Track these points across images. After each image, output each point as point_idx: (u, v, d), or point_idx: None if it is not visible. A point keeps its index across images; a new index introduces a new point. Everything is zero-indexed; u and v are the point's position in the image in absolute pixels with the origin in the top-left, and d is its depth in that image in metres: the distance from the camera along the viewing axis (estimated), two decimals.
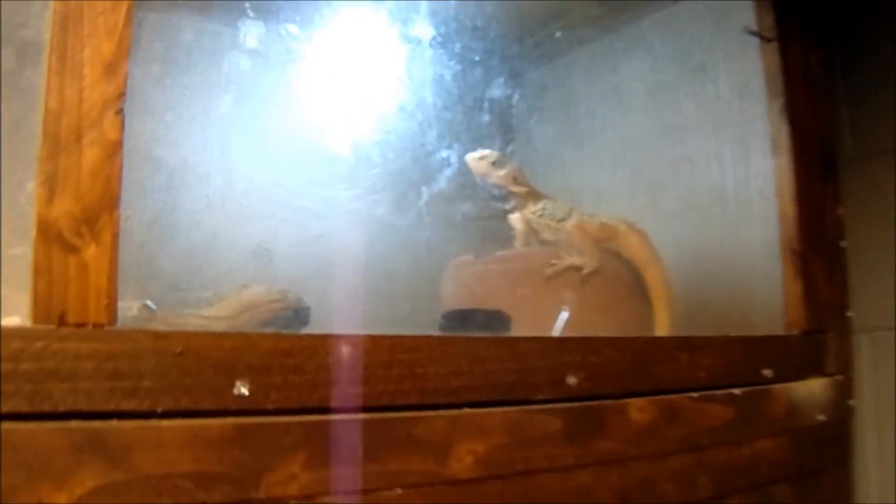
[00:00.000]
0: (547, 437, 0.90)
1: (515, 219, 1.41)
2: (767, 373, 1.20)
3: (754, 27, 1.40)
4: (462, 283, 1.35)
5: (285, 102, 1.34)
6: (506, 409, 0.88)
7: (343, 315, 1.22)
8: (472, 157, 1.40)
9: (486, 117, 1.53)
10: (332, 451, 0.74)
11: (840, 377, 1.35)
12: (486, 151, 1.40)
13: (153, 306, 0.96)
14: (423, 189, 1.39)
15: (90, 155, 0.67)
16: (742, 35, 1.42)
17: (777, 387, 1.21)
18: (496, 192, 1.40)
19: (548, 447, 0.90)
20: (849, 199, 1.46)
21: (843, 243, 1.42)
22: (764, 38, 1.39)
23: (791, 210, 1.34)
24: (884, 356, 1.40)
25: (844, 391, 1.36)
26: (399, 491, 0.78)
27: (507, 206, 1.41)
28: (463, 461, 0.83)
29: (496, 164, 1.39)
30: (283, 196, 1.33)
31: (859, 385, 1.43)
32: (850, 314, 1.41)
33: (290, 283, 1.17)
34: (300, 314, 1.23)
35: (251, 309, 1.18)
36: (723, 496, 1.11)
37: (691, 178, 1.62)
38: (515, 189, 1.40)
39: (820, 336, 1.33)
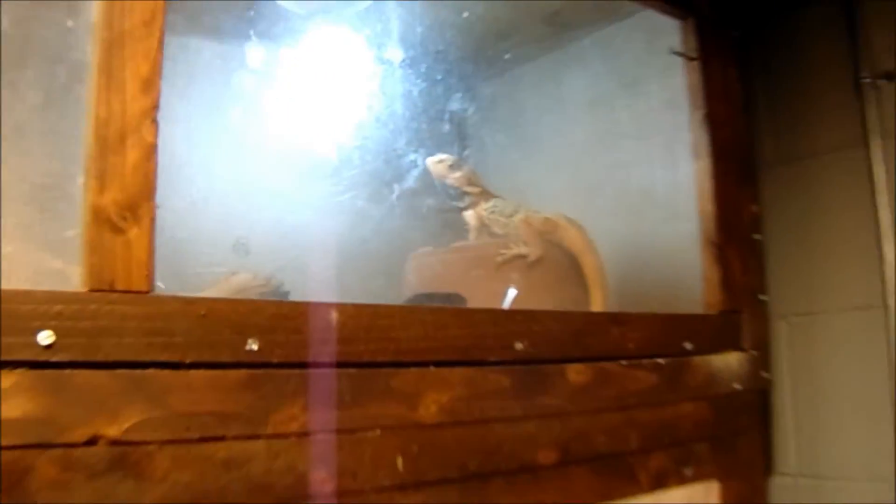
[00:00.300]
0: (498, 392, 1.06)
1: (469, 215, 1.53)
2: (688, 346, 1.35)
3: (680, 48, 1.54)
4: (424, 271, 1.49)
5: (279, 114, 1.48)
6: (464, 368, 1.03)
7: (322, 293, 1.35)
8: (431, 161, 1.53)
9: (447, 126, 1.68)
10: (324, 397, 0.90)
11: (755, 352, 1.49)
12: (444, 156, 1.54)
13: (162, 286, 1.10)
14: (395, 186, 1.53)
15: (132, 155, 0.81)
16: (670, 54, 1.54)
17: (697, 358, 1.36)
18: (452, 191, 1.52)
19: (499, 400, 1.06)
20: (769, 199, 1.62)
21: (757, 236, 1.57)
22: (688, 58, 1.53)
23: (710, 207, 1.48)
24: (799, 339, 1.57)
25: (759, 365, 1.50)
26: (378, 431, 0.94)
27: (462, 204, 1.54)
28: (430, 409, 0.98)
29: (452, 167, 1.52)
30: (276, 192, 1.47)
31: (779, 364, 1.59)
32: (763, 298, 1.56)
33: (279, 269, 1.29)
34: (281, 297, 1.37)
35: (239, 293, 1.32)
36: (649, 449, 1.25)
37: (625, 180, 1.75)
38: (469, 189, 1.53)
39: (735, 316, 1.48)
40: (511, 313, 1.17)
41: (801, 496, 1.55)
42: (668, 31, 1.58)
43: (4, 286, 0.72)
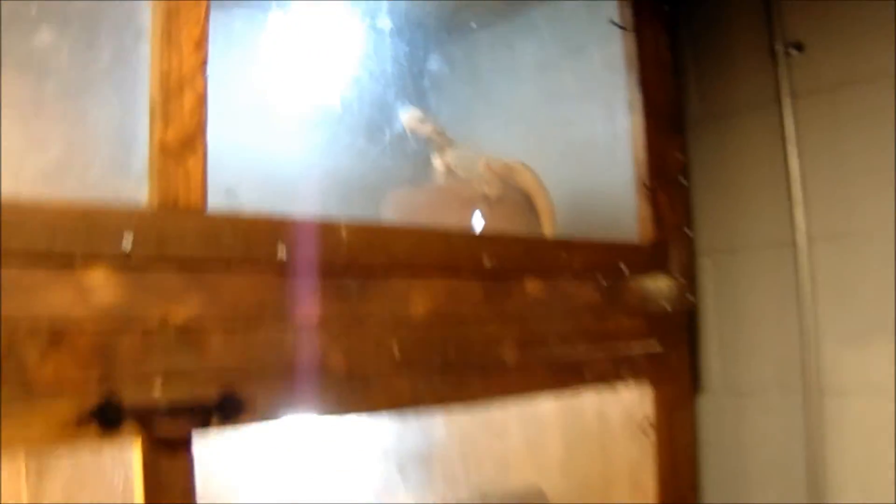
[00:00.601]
0: (471, 298, 1.27)
1: (438, 162, 1.71)
2: (625, 269, 1.53)
3: (617, 19, 1.70)
4: (401, 208, 1.67)
5: (296, 74, 1.69)
6: (444, 278, 1.23)
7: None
8: (403, 115, 1.69)
9: (426, 82, 1.89)
10: (337, 295, 1.10)
11: (682, 278, 1.68)
12: (415, 110, 1.70)
13: None
14: (386, 130, 1.74)
15: (188, 101, 0.99)
16: (609, 24, 1.70)
17: (632, 280, 1.55)
18: (423, 141, 1.70)
19: (471, 305, 1.27)
20: (696, 151, 1.81)
21: (683, 180, 1.76)
22: (624, 28, 1.70)
23: (643, 156, 1.66)
24: (722, 273, 1.79)
25: (685, 289, 1.69)
26: (379, 324, 1.14)
27: (432, 152, 1.71)
28: (418, 309, 1.19)
29: (422, 120, 1.69)
30: (293, 136, 1.68)
31: (704, 296, 1.79)
32: (688, 232, 1.75)
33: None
34: None
35: None
36: (593, 353, 1.46)
37: (570, 133, 1.90)
38: (437, 139, 1.69)
39: (664, 246, 1.66)
40: (481, 236, 1.38)
41: (725, 410, 1.77)
42: (608, 4, 1.73)
43: (94, 204, 0.90)
